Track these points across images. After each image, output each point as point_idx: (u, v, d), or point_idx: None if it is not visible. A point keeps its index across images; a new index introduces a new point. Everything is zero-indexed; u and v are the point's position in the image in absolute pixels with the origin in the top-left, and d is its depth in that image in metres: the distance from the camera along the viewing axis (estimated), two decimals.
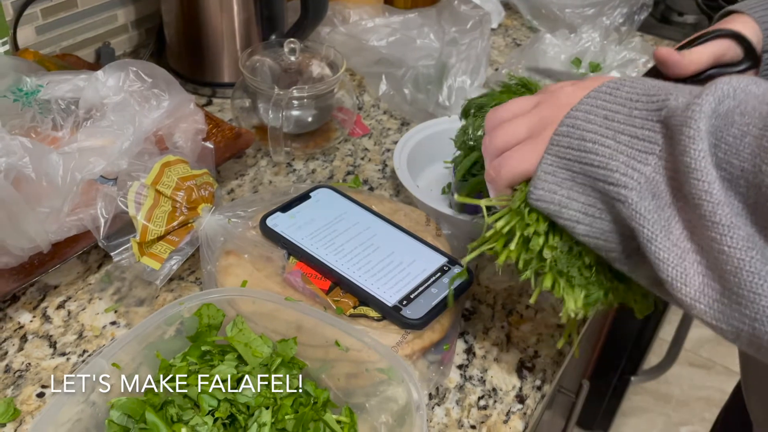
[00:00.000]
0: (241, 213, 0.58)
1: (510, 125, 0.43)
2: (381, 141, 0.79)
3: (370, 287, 0.52)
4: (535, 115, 0.42)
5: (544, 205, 0.39)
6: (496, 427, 0.49)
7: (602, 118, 0.37)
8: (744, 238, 0.31)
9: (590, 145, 0.37)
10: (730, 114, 0.33)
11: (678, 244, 0.34)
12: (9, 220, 0.45)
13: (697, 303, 0.33)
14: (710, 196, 0.32)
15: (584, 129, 0.38)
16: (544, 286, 0.42)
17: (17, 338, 0.53)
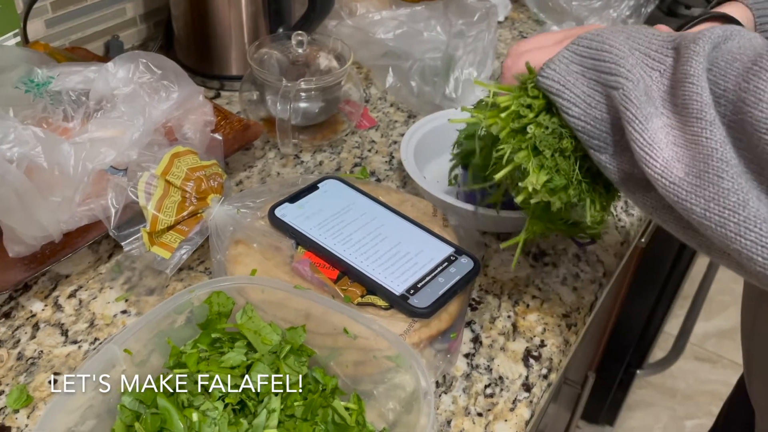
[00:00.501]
0: (249, 203, 0.59)
1: (540, 36, 0.49)
2: (388, 133, 0.80)
3: (378, 276, 0.52)
4: (560, 36, 0.47)
5: (549, 83, 0.44)
6: (502, 415, 0.49)
7: (625, 37, 0.42)
8: (722, 134, 0.36)
9: (607, 47, 0.42)
10: (727, 46, 0.38)
11: (656, 131, 0.38)
12: (22, 208, 0.46)
13: (661, 178, 0.37)
14: (701, 97, 0.36)
15: (606, 40, 0.42)
16: (517, 158, 0.46)
17: (29, 326, 0.54)
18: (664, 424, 1.59)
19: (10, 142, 0.45)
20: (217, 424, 0.41)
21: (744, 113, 0.35)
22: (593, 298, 0.60)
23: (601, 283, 0.61)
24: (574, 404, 0.98)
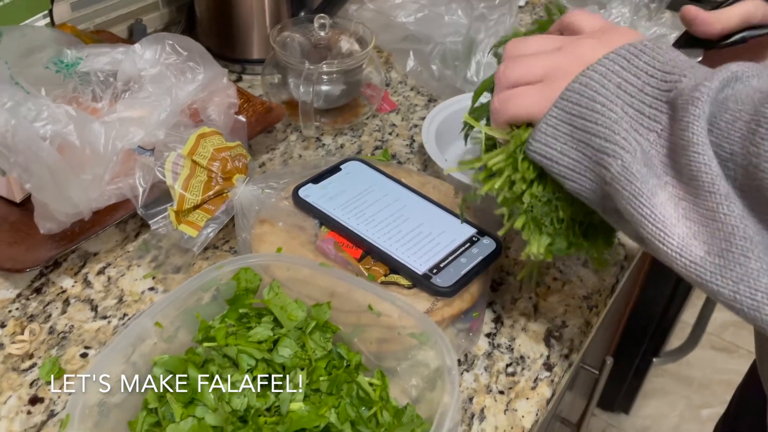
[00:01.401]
0: (273, 184, 0.60)
1: (528, 60, 0.43)
2: (408, 117, 0.80)
3: (401, 256, 0.53)
4: (554, 59, 0.43)
5: (538, 158, 0.41)
6: (524, 393, 0.50)
7: (615, 85, 0.39)
8: (740, 208, 0.33)
9: (599, 107, 0.38)
10: (725, 101, 0.35)
11: (661, 207, 0.36)
12: (54, 185, 0.47)
13: (680, 257, 0.35)
14: (709, 168, 0.34)
15: (596, 91, 0.39)
16: (515, 225, 0.46)
17: (60, 302, 0.55)
18: (680, 412, 1.59)
19: (43, 120, 0.46)
20: (246, 395, 0.42)
21: (760, 179, 0.33)
22: (614, 280, 0.60)
23: (623, 265, 0.61)
24: (591, 390, 0.98)
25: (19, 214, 0.59)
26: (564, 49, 0.43)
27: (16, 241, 0.56)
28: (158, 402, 0.42)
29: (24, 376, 0.49)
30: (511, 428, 0.48)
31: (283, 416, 0.44)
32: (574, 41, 0.43)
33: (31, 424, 0.46)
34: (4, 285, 0.56)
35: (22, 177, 0.46)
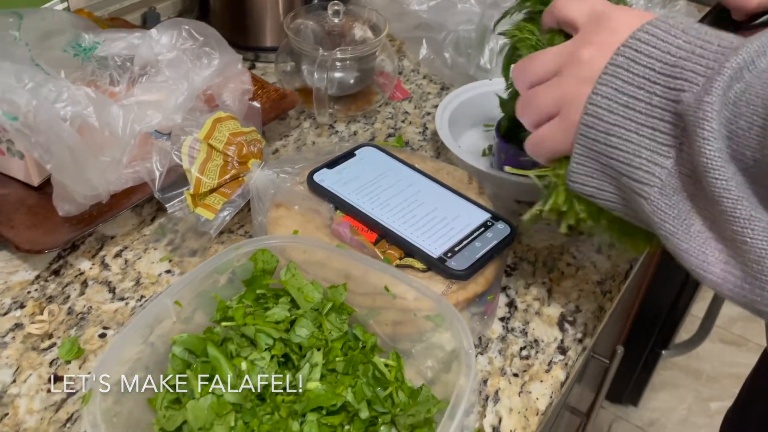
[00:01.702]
0: (288, 169, 0.60)
1: (536, 98, 0.43)
2: (421, 105, 0.80)
3: (416, 240, 0.53)
4: (558, 87, 0.42)
5: (580, 190, 0.42)
6: (538, 376, 0.50)
7: (623, 106, 0.37)
8: (764, 229, 0.32)
9: (614, 140, 0.38)
10: (738, 103, 0.33)
11: (698, 236, 0.35)
12: (75, 166, 0.48)
13: (721, 286, 0.35)
14: (729, 193, 0.33)
15: (607, 121, 0.38)
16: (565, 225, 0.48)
17: (78, 284, 0.55)
18: (688, 405, 1.59)
19: (63, 101, 0.47)
20: (264, 373, 0.42)
21: None
22: (628, 266, 0.60)
23: None
24: (600, 381, 0.98)
25: (37, 197, 0.60)
26: (564, 71, 0.42)
27: (34, 224, 0.57)
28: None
29: (44, 355, 0.50)
30: (525, 410, 0.48)
31: (300, 395, 0.44)
32: (571, 57, 0.42)
33: (51, 402, 0.47)
34: (23, 267, 0.56)
35: (44, 157, 0.47)
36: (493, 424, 0.47)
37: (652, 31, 0.37)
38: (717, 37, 0.36)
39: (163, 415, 0.42)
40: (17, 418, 0.46)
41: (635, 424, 1.56)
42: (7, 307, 0.53)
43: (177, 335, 0.45)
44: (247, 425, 0.41)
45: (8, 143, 0.58)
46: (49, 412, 0.46)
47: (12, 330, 0.51)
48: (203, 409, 0.40)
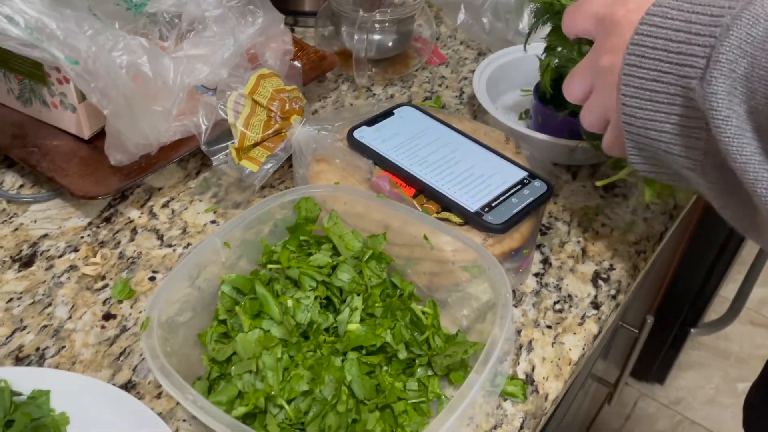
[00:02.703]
0: (328, 126, 0.61)
1: (587, 117, 0.47)
2: (458, 69, 0.80)
3: (453, 194, 0.54)
4: (597, 101, 0.45)
5: (645, 174, 0.45)
6: (571, 328, 0.51)
7: (648, 101, 0.39)
8: None
9: (652, 132, 0.40)
10: (751, 79, 0.33)
11: (745, 206, 0.37)
12: (129, 113, 0.50)
13: None
14: (747, 174, 0.34)
15: (640, 117, 0.40)
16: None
17: (128, 231, 0.58)
18: (715, 385, 1.58)
19: (120, 50, 0.48)
20: (309, 311, 0.44)
21: None
22: (663, 228, 0.60)
23: (672, 215, 0.62)
24: (628, 351, 0.99)
25: (88, 149, 0.62)
26: (596, 83, 0.45)
27: (86, 173, 0.59)
28: (227, 314, 0.45)
29: (97, 294, 0.52)
30: (558, 359, 0.49)
31: (341, 337, 0.46)
32: (595, 68, 0.44)
33: (104, 338, 0.50)
34: (76, 214, 0.59)
35: (102, 102, 0.49)
36: (526, 371, 0.48)
37: (652, 21, 0.38)
38: (708, 5, 0.36)
39: (213, 348, 0.44)
40: (74, 351, 0.48)
41: (661, 402, 1.56)
42: (62, 250, 0.56)
43: (225, 275, 0.47)
44: (292, 359, 0.43)
45: (61, 96, 0.61)
46: (103, 346, 0.49)
47: (67, 271, 0.54)
48: (251, 342, 0.42)
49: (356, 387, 0.43)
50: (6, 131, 0.63)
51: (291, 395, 0.41)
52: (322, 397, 0.41)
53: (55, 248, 0.56)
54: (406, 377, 0.46)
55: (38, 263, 0.55)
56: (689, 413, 1.53)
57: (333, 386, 0.41)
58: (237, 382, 0.41)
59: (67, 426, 0.42)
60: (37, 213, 0.59)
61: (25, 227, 0.58)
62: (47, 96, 0.61)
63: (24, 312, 0.51)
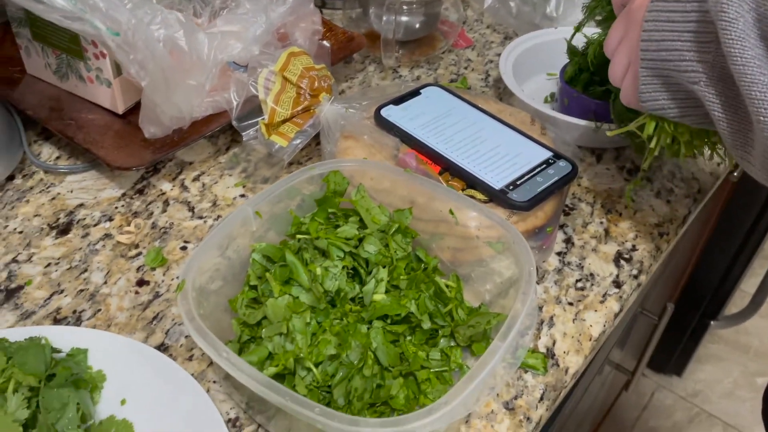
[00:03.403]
0: (356, 104, 0.62)
1: (614, 62, 0.50)
2: (484, 53, 0.81)
3: (478, 172, 0.55)
4: (625, 46, 0.49)
5: (652, 107, 0.47)
6: (592, 306, 0.52)
7: (666, 21, 0.43)
8: None
9: (664, 53, 0.43)
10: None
11: (742, 121, 0.40)
12: (165, 86, 0.51)
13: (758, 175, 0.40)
14: (745, 76, 0.37)
15: (657, 39, 0.44)
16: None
17: (161, 202, 0.60)
18: (734, 379, 1.57)
19: (158, 24, 0.50)
20: (337, 279, 0.46)
21: None
22: (686, 211, 0.61)
23: (696, 198, 0.62)
24: (646, 340, 0.99)
25: (122, 124, 0.64)
26: (627, 31, 0.48)
27: (120, 146, 0.61)
28: (258, 281, 0.47)
29: (131, 262, 0.54)
30: (579, 335, 0.50)
31: (367, 306, 0.47)
32: (628, 14, 0.48)
33: (138, 302, 0.51)
34: (111, 185, 0.61)
35: (139, 74, 0.50)
36: (547, 345, 0.49)
37: None
38: None
39: (243, 313, 0.45)
40: (109, 314, 0.50)
41: (678, 394, 1.55)
42: (97, 219, 0.58)
43: (256, 243, 0.48)
44: (319, 324, 0.44)
45: (97, 71, 0.62)
46: (137, 310, 0.51)
47: (102, 239, 0.56)
48: (281, 307, 0.43)
49: (381, 354, 0.44)
50: (44, 105, 0.65)
51: (318, 359, 0.42)
52: (349, 361, 0.42)
53: (91, 217, 0.58)
54: (429, 347, 0.47)
55: (74, 231, 0.57)
56: (707, 406, 1.53)
57: (359, 351, 0.43)
58: (267, 343, 0.42)
59: (103, 383, 0.44)
60: (73, 183, 0.61)
61: (61, 197, 0.60)
62: (83, 71, 0.63)
63: (61, 276, 0.53)
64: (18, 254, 0.54)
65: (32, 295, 0.51)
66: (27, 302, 0.51)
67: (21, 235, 0.56)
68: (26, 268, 0.53)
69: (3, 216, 0.57)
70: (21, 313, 0.50)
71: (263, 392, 0.37)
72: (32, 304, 0.51)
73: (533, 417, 0.45)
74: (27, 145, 0.62)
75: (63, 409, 0.40)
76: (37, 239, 0.56)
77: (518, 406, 0.45)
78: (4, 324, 0.49)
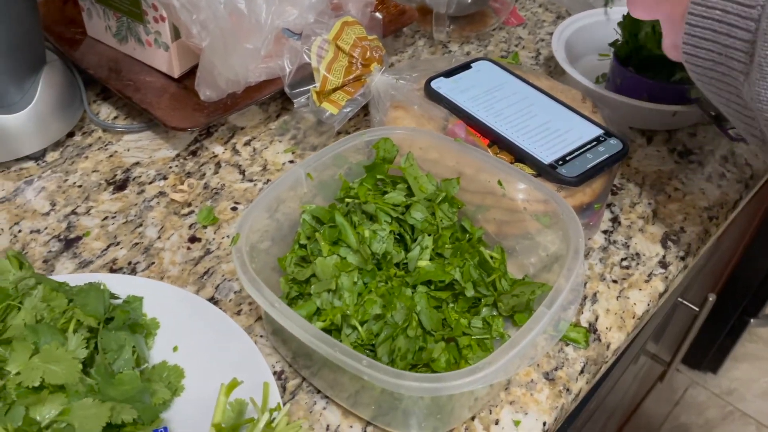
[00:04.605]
0: (406, 76, 0.63)
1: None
2: (535, 31, 0.80)
3: (527, 146, 0.55)
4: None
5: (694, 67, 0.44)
6: (637, 285, 0.52)
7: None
8: None
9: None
10: None
11: None
12: (224, 48, 0.52)
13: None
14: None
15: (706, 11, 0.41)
16: None
17: (213, 164, 0.61)
18: None
19: None
20: (384, 242, 0.46)
21: None
22: (737, 197, 0.60)
23: (748, 184, 0.61)
24: (685, 331, 0.97)
25: (176, 87, 0.66)
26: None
27: (176, 108, 0.63)
28: (307, 241, 0.48)
29: (184, 219, 0.56)
30: (623, 312, 0.50)
31: (411, 272, 0.48)
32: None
33: (190, 258, 0.53)
34: (165, 146, 0.63)
35: (201, 35, 0.52)
36: (589, 320, 0.49)
37: None
38: None
39: (292, 270, 0.47)
40: (162, 267, 0.52)
41: (712, 391, 1.53)
42: (152, 177, 0.60)
43: (306, 204, 0.49)
44: (366, 285, 0.45)
45: (156, 34, 0.64)
46: (188, 265, 0.52)
47: (157, 196, 0.58)
48: (329, 265, 0.44)
49: (424, 318, 0.45)
50: (103, 65, 0.67)
51: (364, 317, 0.43)
52: (393, 321, 0.43)
53: (146, 175, 0.60)
54: (471, 315, 0.48)
55: (130, 187, 0.59)
56: (741, 405, 1.50)
57: (404, 312, 0.43)
58: (316, 299, 0.43)
59: (157, 330, 0.46)
60: (130, 142, 0.63)
61: (118, 155, 0.62)
62: (142, 34, 0.65)
63: (118, 230, 0.55)
64: (77, 207, 0.57)
65: (90, 245, 0.53)
66: (85, 252, 0.53)
67: (80, 189, 0.58)
68: (84, 220, 0.55)
69: (63, 170, 0.60)
70: (79, 262, 0.52)
71: (313, 343, 0.38)
72: (90, 254, 0.53)
73: (573, 389, 0.45)
74: (87, 103, 0.65)
75: (120, 350, 0.42)
76: (95, 193, 0.58)
77: (558, 377, 0.46)
78: (64, 271, 0.51)
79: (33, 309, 0.42)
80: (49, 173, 0.59)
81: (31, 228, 0.54)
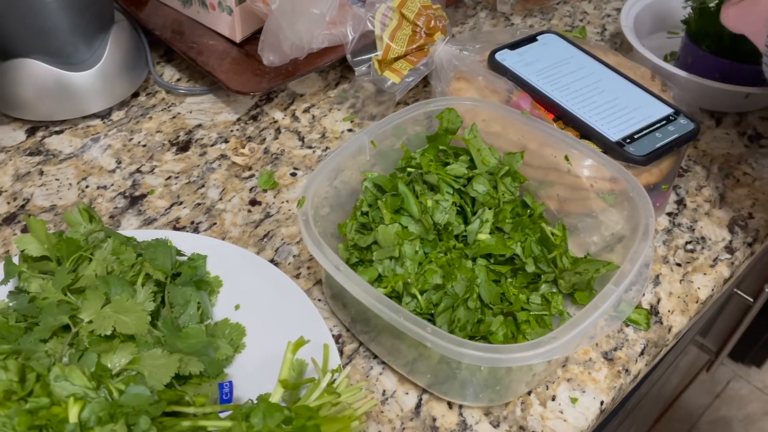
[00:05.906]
0: (470, 47, 0.62)
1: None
2: (601, 6, 0.78)
3: (594, 123, 0.54)
4: None
5: None
6: (701, 269, 0.51)
7: None
8: None
9: None
10: None
11: None
12: (292, 12, 0.52)
13: None
14: None
15: None
16: None
17: (273, 130, 0.62)
18: None
19: None
20: (447, 213, 0.46)
21: None
22: None
23: None
24: (737, 321, 0.95)
25: (238, 52, 0.66)
26: None
27: (238, 72, 0.63)
28: (369, 208, 0.48)
29: (245, 182, 0.57)
30: (686, 296, 0.49)
31: (470, 245, 0.48)
32: None
33: (250, 220, 0.54)
34: (226, 110, 0.63)
35: None
36: (651, 302, 0.48)
37: None
38: None
39: (353, 237, 0.47)
40: (223, 228, 0.53)
41: (755, 386, 1.49)
42: (214, 140, 0.60)
43: (368, 172, 0.49)
44: (426, 255, 0.45)
45: None
46: (249, 227, 0.53)
47: (218, 159, 0.59)
48: (391, 233, 0.44)
49: (483, 291, 0.45)
50: (168, 27, 0.67)
51: (424, 287, 0.43)
52: (453, 292, 0.43)
53: (208, 138, 0.61)
54: (530, 291, 0.47)
55: (193, 149, 0.59)
56: None
57: (465, 284, 0.43)
58: (378, 265, 0.44)
59: (220, 288, 0.47)
60: (192, 105, 0.64)
61: (181, 116, 0.63)
62: None
63: (180, 189, 0.56)
64: (141, 165, 0.58)
65: (154, 203, 0.55)
66: (149, 210, 0.54)
67: (144, 149, 0.59)
68: (149, 179, 0.57)
69: (128, 129, 0.61)
70: (144, 219, 0.53)
71: (377, 308, 0.38)
72: (154, 212, 0.54)
73: (632, 369, 0.44)
74: (152, 64, 0.66)
75: (185, 305, 0.43)
76: (159, 153, 0.59)
77: (617, 357, 0.45)
78: (129, 227, 0.53)
79: (103, 261, 0.43)
80: (115, 132, 0.61)
81: (98, 184, 0.56)
